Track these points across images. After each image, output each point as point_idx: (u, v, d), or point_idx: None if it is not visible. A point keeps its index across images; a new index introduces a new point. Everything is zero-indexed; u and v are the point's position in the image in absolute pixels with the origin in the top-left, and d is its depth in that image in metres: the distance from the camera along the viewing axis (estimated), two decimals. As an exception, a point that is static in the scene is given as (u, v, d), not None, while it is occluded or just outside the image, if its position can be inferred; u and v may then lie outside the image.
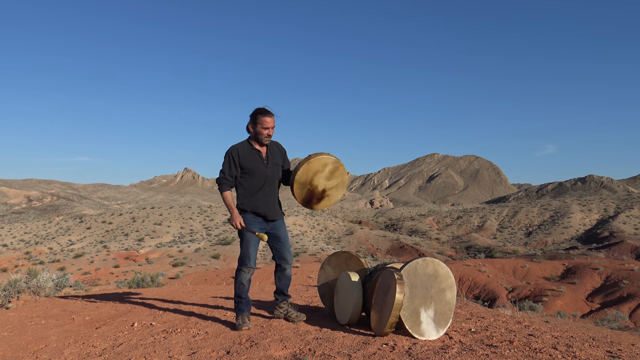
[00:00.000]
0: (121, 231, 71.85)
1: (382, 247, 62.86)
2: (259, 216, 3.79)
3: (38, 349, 3.80)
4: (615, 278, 27.68)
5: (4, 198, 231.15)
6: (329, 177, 3.89)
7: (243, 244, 3.77)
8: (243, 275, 3.77)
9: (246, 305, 3.79)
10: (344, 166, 3.93)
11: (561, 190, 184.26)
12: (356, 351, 2.89)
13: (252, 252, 3.76)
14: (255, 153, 3.78)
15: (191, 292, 6.70)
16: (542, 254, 40.68)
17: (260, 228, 3.79)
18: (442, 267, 3.31)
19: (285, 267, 3.89)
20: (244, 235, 3.75)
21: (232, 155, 3.72)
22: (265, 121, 3.70)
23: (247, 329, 3.62)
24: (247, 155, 3.75)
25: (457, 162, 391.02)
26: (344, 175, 3.94)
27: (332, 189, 3.94)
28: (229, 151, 3.75)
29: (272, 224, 3.86)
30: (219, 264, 41.26)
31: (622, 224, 71.12)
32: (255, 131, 3.75)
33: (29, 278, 7.42)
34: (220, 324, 3.95)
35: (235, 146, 3.77)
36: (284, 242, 3.89)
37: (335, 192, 3.97)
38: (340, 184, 3.96)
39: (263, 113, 3.71)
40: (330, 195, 3.97)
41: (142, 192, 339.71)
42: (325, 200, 3.97)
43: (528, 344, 3.02)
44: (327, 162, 3.84)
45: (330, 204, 4.02)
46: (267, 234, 3.85)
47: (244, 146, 3.78)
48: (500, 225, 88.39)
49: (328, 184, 3.91)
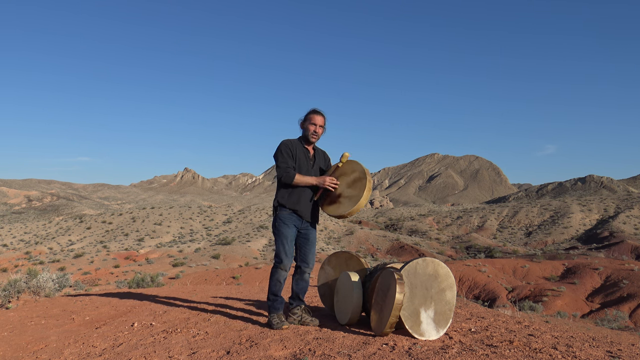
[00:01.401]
0: (121, 231, 71.82)
1: (382, 247, 62.84)
2: (296, 214, 3.79)
3: (38, 349, 3.79)
4: (615, 278, 27.68)
5: (4, 198, 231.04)
6: (350, 184, 3.76)
7: (279, 240, 3.75)
8: (281, 272, 3.76)
9: (281, 304, 3.78)
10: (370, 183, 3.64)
11: (561, 190, 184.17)
12: (356, 351, 2.89)
13: (289, 248, 3.75)
14: (303, 150, 3.88)
15: (191, 292, 6.70)
16: (542, 254, 40.66)
17: (294, 226, 3.79)
18: (442, 267, 3.31)
19: (305, 270, 3.87)
20: (280, 231, 3.74)
21: (287, 146, 3.82)
22: (314, 118, 3.85)
23: (286, 328, 3.57)
24: (298, 150, 3.85)
25: (457, 162, 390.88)
26: (363, 191, 3.62)
27: (346, 197, 3.71)
28: (283, 143, 3.84)
29: (306, 224, 3.86)
30: (219, 264, 41.25)
31: (622, 224, 71.08)
32: (304, 127, 3.88)
33: (29, 278, 7.42)
34: (220, 324, 3.94)
35: (289, 140, 3.88)
36: (312, 246, 3.88)
37: (347, 202, 3.69)
38: (355, 197, 3.64)
39: (314, 111, 3.88)
40: (342, 203, 3.72)
41: (142, 192, 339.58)
42: (334, 206, 3.77)
43: (528, 344, 3.02)
44: (356, 169, 3.77)
45: (337, 213, 3.70)
46: (299, 233, 3.83)
47: (295, 141, 3.90)
48: (500, 225, 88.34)
49: (346, 191, 3.75)
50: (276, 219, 3.80)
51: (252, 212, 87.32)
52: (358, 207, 3.63)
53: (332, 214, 3.75)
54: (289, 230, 3.75)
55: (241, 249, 51.59)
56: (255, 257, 48.36)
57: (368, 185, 3.63)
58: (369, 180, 3.66)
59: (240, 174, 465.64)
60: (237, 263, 42.78)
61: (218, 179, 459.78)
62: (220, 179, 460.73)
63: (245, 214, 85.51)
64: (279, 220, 3.78)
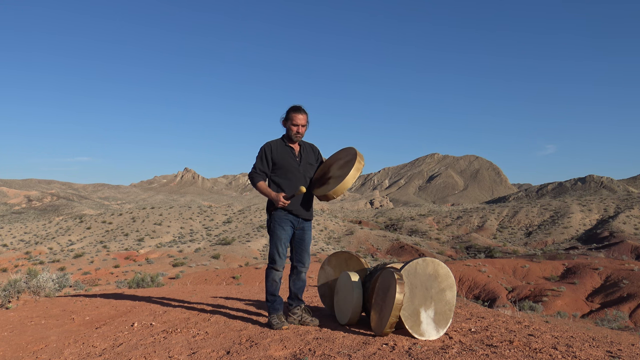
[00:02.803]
0: (121, 231, 71.83)
1: (382, 247, 62.85)
2: (290, 214, 3.79)
3: (38, 349, 3.80)
4: (615, 278, 27.68)
5: (4, 198, 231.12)
6: (341, 166, 3.77)
7: (273, 241, 3.76)
8: (275, 273, 3.78)
9: (280, 304, 3.78)
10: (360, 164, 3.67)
11: (561, 190, 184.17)
12: (356, 351, 2.89)
13: (282, 250, 3.76)
14: (288, 150, 3.83)
15: (191, 292, 6.70)
16: (542, 254, 40.66)
17: (290, 226, 3.79)
18: (442, 267, 3.31)
19: (302, 270, 3.89)
20: (275, 233, 3.75)
21: (265, 150, 3.79)
22: (296, 117, 3.77)
23: (286, 328, 3.57)
24: (280, 151, 3.79)
25: (457, 162, 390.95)
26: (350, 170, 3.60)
27: (334, 178, 3.71)
28: (262, 147, 3.82)
29: (302, 223, 3.85)
30: (218, 264, 41.27)
31: (622, 224, 71.09)
32: (287, 126, 3.83)
33: (29, 278, 7.42)
34: (220, 324, 3.94)
35: (270, 142, 3.84)
36: (306, 245, 3.88)
37: (333, 182, 3.67)
38: (341, 176, 3.62)
39: (295, 110, 3.80)
40: (329, 184, 3.72)
41: (142, 192, 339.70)
42: (323, 187, 3.76)
43: (528, 344, 3.02)
44: (349, 153, 3.82)
45: (324, 192, 3.67)
46: (295, 233, 3.84)
47: (277, 142, 3.85)
48: (500, 225, 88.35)
49: (336, 173, 3.76)
50: (271, 220, 3.80)
51: (252, 212, 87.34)
52: (344, 185, 3.58)
53: (319, 194, 3.75)
54: (283, 232, 3.75)
55: (241, 249, 51.61)
56: (255, 257, 48.38)
57: (357, 165, 3.64)
58: (358, 161, 3.67)
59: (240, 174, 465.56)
60: (237, 263, 42.80)
61: (218, 179, 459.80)
62: (220, 179, 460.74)
63: (245, 214, 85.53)
64: (274, 222, 3.77)
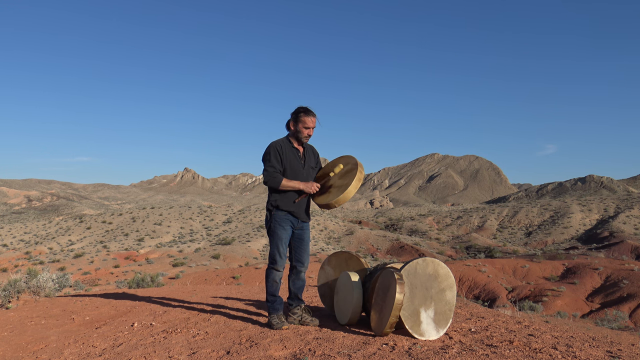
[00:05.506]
0: (121, 231, 71.81)
1: (382, 247, 62.83)
2: (291, 215, 3.79)
3: (38, 349, 3.80)
4: (615, 278, 27.68)
5: (4, 198, 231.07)
6: (342, 175, 3.81)
7: (273, 241, 3.76)
8: (275, 273, 3.78)
9: (280, 304, 3.79)
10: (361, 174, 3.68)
11: (561, 190, 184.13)
12: (356, 351, 2.89)
13: (282, 250, 3.77)
14: (294, 151, 3.82)
15: (191, 292, 6.70)
16: (542, 254, 40.65)
17: (290, 227, 3.80)
18: (442, 267, 3.31)
19: (301, 270, 3.89)
20: (275, 233, 3.75)
21: (276, 149, 3.74)
22: (308, 121, 3.75)
23: (286, 328, 3.58)
24: (287, 153, 3.78)
25: (457, 162, 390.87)
26: (353, 180, 3.63)
27: (336, 187, 3.75)
28: (272, 146, 3.76)
29: (301, 224, 3.86)
30: (219, 264, 41.25)
31: (622, 224, 71.06)
32: (296, 129, 3.79)
33: (29, 278, 7.42)
34: (220, 324, 3.94)
35: (277, 142, 3.81)
36: (306, 245, 3.89)
37: (336, 191, 3.72)
38: (344, 186, 3.66)
39: (306, 112, 3.75)
40: (331, 193, 3.75)
41: (142, 192, 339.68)
42: (324, 196, 3.80)
43: (528, 344, 3.02)
44: (349, 162, 3.83)
45: (326, 202, 3.71)
46: (294, 234, 3.85)
47: (285, 143, 3.81)
48: (500, 225, 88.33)
49: (337, 182, 3.80)
50: (272, 221, 3.79)
51: (252, 212, 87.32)
52: (346, 196, 3.61)
53: (321, 203, 3.76)
54: (284, 232, 3.76)
55: (241, 249, 51.59)
56: (255, 257, 48.36)
57: (358, 175, 3.66)
58: (359, 171, 3.69)
59: (240, 174, 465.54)
60: (237, 263, 42.79)
61: (218, 179, 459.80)
62: (220, 179, 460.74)
63: (245, 214, 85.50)
64: (274, 222, 3.77)
